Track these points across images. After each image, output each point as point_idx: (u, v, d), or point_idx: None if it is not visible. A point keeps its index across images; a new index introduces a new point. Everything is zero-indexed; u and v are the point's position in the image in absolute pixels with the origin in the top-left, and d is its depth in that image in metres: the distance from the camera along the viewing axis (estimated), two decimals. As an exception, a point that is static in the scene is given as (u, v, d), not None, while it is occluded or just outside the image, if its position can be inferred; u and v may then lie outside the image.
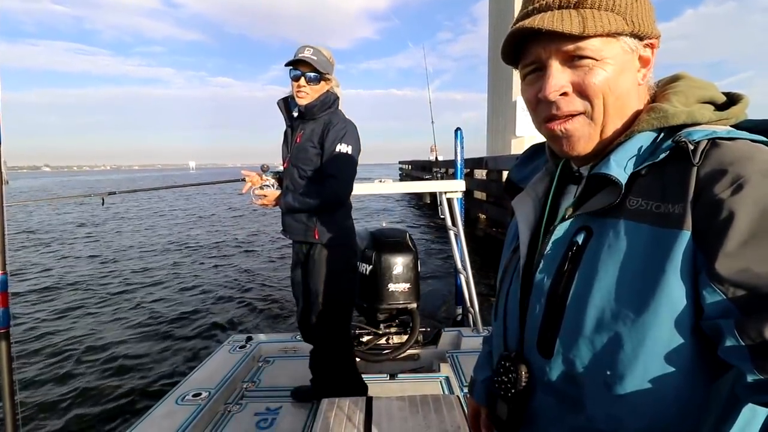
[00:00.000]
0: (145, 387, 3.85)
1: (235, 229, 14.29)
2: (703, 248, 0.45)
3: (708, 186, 0.46)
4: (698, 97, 0.55)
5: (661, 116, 0.53)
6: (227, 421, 2.06)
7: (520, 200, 0.69)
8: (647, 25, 0.54)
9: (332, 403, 1.62)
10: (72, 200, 3.58)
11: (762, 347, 0.40)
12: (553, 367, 0.57)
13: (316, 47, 1.92)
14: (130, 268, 8.82)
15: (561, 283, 0.56)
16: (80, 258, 9.86)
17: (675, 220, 0.47)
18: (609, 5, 0.52)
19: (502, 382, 0.63)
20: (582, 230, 0.56)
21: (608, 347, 0.50)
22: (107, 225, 15.31)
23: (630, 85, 0.55)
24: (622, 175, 0.51)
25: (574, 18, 0.51)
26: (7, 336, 1.55)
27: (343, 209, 2.01)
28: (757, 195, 0.43)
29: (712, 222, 0.44)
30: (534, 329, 0.59)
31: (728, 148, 0.47)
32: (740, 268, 0.42)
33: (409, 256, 2.80)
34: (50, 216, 18.00)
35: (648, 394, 0.49)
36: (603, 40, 0.52)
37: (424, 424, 1.49)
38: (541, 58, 0.55)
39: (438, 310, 5.93)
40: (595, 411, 0.53)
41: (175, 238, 12.48)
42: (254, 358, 2.72)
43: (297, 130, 2.02)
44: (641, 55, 0.55)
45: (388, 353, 2.71)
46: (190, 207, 22.11)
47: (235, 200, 24.09)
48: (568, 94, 0.54)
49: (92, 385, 3.89)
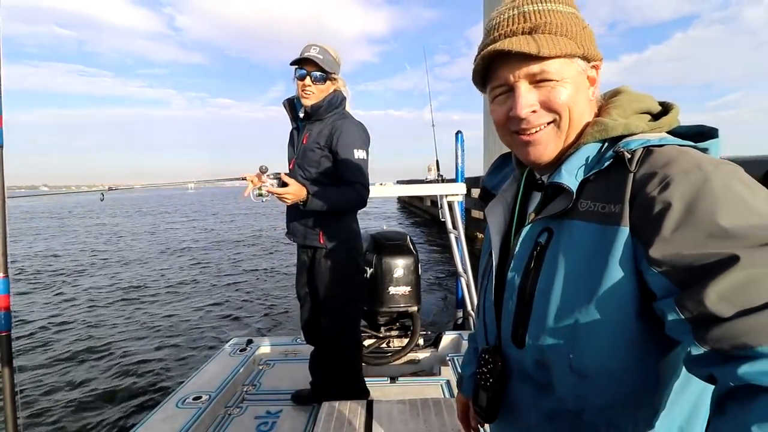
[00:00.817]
0: (145, 390, 3.85)
1: (234, 232, 14.30)
2: (640, 239, 0.51)
3: (641, 187, 0.52)
4: (635, 109, 0.62)
5: (602, 129, 0.60)
6: (227, 424, 2.05)
7: (491, 207, 0.76)
8: (593, 49, 0.62)
9: (333, 407, 1.62)
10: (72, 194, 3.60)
11: (699, 318, 0.45)
12: (526, 357, 0.63)
13: (322, 45, 1.85)
14: (130, 272, 8.83)
15: (528, 279, 0.63)
16: (81, 260, 9.87)
17: (615, 218, 0.54)
18: (563, 31, 0.60)
19: (483, 373, 0.70)
20: (544, 231, 0.62)
21: (569, 333, 0.57)
22: (107, 228, 15.34)
23: (584, 100, 0.63)
24: (573, 182, 0.58)
25: (538, 41, 0.58)
26: (9, 339, 1.55)
27: (349, 213, 1.98)
28: (680, 190, 0.49)
29: (646, 217, 0.51)
30: (508, 324, 0.66)
31: (658, 154, 0.54)
32: (673, 252, 0.48)
33: (409, 258, 2.80)
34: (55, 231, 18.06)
35: (605, 373, 0.56)
36: (562, 63, 0.59)
37: (425, 427, 1.49)
38: (509, 80, 0.61)
39: (439, 313, 5.93)
40: (564, 392, 0.60)
41: (173, 244, 12.49)
42: (255, 361, 2.72)
43: (303, 131, 1.96)
44: (588, 75, 0.63)
45: (388, 356, 2.70)
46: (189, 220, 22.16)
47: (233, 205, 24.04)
48: (536, 111, 0.61)
49: (93, 388, 3.89)
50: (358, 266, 2.02)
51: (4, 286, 1.53)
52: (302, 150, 1.93)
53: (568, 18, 0.61)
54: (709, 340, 0.44)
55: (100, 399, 3.70)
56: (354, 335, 2.03)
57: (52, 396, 3.75)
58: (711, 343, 0.44)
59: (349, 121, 1.89)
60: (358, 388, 2.05)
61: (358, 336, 2.07)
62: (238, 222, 17.03)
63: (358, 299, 2.06)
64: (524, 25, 0.60)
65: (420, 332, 2.82)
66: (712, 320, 0.44)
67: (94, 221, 18.18)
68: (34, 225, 17.32)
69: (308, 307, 2.09)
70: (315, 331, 2.10)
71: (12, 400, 1.53)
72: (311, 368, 2.20)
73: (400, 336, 2.94)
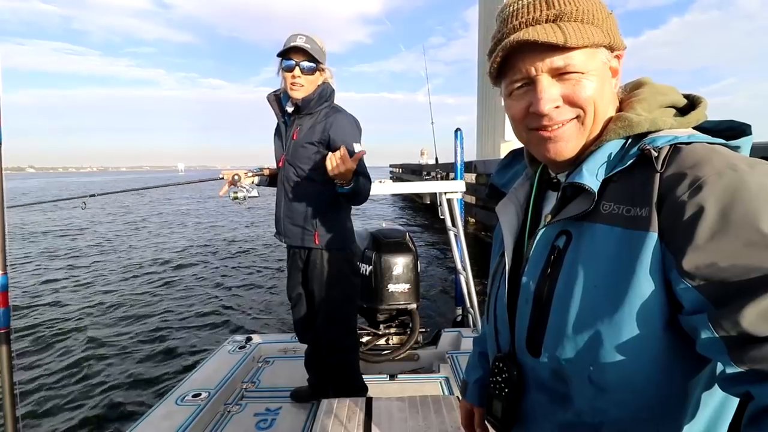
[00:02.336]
0: (144, 387, 3.85)
1: (231, 229, 14.29)
2: (670, 247, 0.48)
3: (670, 189, 0.49)
4: (660, 103, 0.58)
5: (626, 125, 0.56)
6: (227, 421, 2.05)
7: (503, 206, 0.72)
8: (617, 37, 0.58)
9: (332, 404, 1.62)
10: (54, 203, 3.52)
11: (737, 339, 0.42)
12: (542, 366, 0.59)
13: (308, 34, 1.74)
14: (128, 269, 8.82)
15: (545, 285, 0.59)
16: (81, 258, 9.86)
17: (642, 223, 0.50)
18: (589, 18, 0.55)
19: (497, 382, 0.67)
20: (562, 234, 0.59)
21: (589, 344, 0.53)
22: (100, 227, 15.32)
23: (609, 93, 0.59)
24: (594, 183, 0.55)
25: (564, 30, 0.54)
26: (8, 336, 1.55)
27: (344, 212, 1.93)
28: (714, 194, 0.45)
29: (676, 223, 0.47)
30: (523, 330, 0.63)
31: (688, 153, 0.50)
32: (706, 263, 0.45)
33: (409, 256, 2.80)
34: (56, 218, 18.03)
35: (627, 386, 0.52)
36: (586, 54, 0.55)
37: (424, 424, 1.49)
38: (530, 73, 0.57)
39: (438, 310, 5.93)
40: (582, 405, 0.57)
41: (171, 240, 12.47)
42: (254, 359, 2.72)
43: (292, 126, 1.86)
44: (611, 66, 0.59)
45: (387, 354, 2.71)
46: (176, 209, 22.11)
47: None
48: (559, 106, 0.57)
49: (92, 385, 3.89)
50: (353, 267, 1.98)
51: (4, 283, 1.52)
52: (293, 146, 1.85)
53: (594, 4, 0.56)
54: (747, 360, 0.42)
55: (99, 396, 3.70)
56: (351, 336, 2.02)
57: (51, 392, 3.75)
58: (749, 364, 0.41)
59: (342, 115, 1.82)
60: (357, 385, 2.05)
61: (355, 336, 2.06)
62: (235, 217, 17.04)
63: (355, 300, 2.03)
64: (548, 12, 0.55)
65: (419, 329, 2.82)
66: (750, 341, 0.41)
67: (86, 211, 18.16)
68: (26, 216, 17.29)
69: (301, 308, 2.06)
70: (309, 331, 2.08)
71: (11, 396, 1.53)
72: (307, 366, 2.20)
73: (399, 333, 2.94)
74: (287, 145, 1.89)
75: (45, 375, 4.09)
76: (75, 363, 4.36)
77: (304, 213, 1.85)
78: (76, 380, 3.99)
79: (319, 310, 1.95)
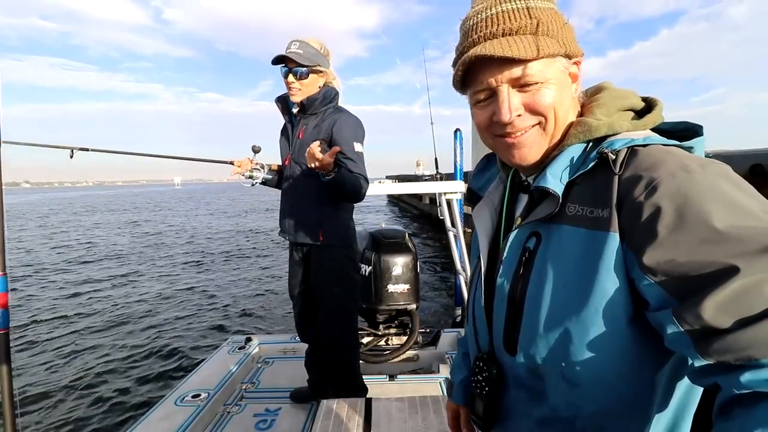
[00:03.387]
0: (144, 388, 3.85)
1: (229, 228, 14.28)
2: (631, 246, 0.50)
3: (628, 191, 0.51)
4: (618, 106, 0.61)
5: (586, 129, 0.58)
6: (226, 422, 2.05)
7: (478, 210, 0.74)
8: (574, 45, 0.60)
9: (331, 405, 1.62)
10: (47, 148, 3.51)
11: (701, 332, 0.43)
12: (519, 364, 0.61)
13: (303, 40, 1.81)
14: (127, 270, 8.81)
15: (518, 286, 0.61)
16: (80, 258, 9.85)
17: (604, 223, 0.52)
18: (544, 31, 0.57)
19: (478, 381, 0.69)
20: (533, 236, 0.61)
21: (560, 341, 0.55)
22: (98, 230, 15.32)
23: (568, 99, 0.61)
24: (558, 186, 0.57)
25: (519, 44, 0.56)
26: (7, 337, 1.55)
27: (347, 210, 1.96)
28: (668, 195, 0.47)
29: (635, 223, 0.50)
30: (499, 330, 0.64)
31: (643, 155, 0.53)
32: (666, 259, 0.46)
33: (408, 256, 2.80)
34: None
35: (597, 381, 0.55)
36: (544, 63, 0.57)
37: (423, 425, 1.49)
38: (491, 85, 0.59)
39: (438, 310, 5.93)
40: (557, 400, 0.59)
41: (172, 240, 12.46)
42: (253, 359, 2.72)
43: (298, 126, 1.93)
44: (570, 72, 0.61)
45: (387, 354, 2.71)
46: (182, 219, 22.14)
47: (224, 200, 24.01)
48: (521, 114, 0.59)
49: (92, 386, 3.89)
50: (355, 265, 2.01)
51: (3, 284, 1.52)
52: (298, 144, 1.90)
53: (549, 15, 0.58)
54: (712, 352, 0.43)
55: (99, 397, 3.70)
56: (352, 334, 2.03)
57: (50, 394, 3.75)
58: (714, 356, 0.43)
59: (346, 115, 1.87)
60: (357, 385, 2.06)
61: (356, 335, 2.06)
62: (234, 219, 17.06)
63: (356, 298, 2.05)
64: (504, 26, 0.57)
65: (419, 330, 2.82)
66: (714, 333, 0.43)
67: (88, 219, 18.18)
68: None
69: (302, 306, 2.07)
70: (310, 329, 2.09)
71: (10, 397, 1.53)
72: (308, 366, 2.20)
73: (398, 334, 2.94)
74: (293, 144, 1.94)
75: (44, 376, 4.09)
76: (74, 364, 4.36)
77: (309, 210, 1.89)
78: (75, 381, 3.98)
79: (321, 307, 1.96)
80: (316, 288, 1.95)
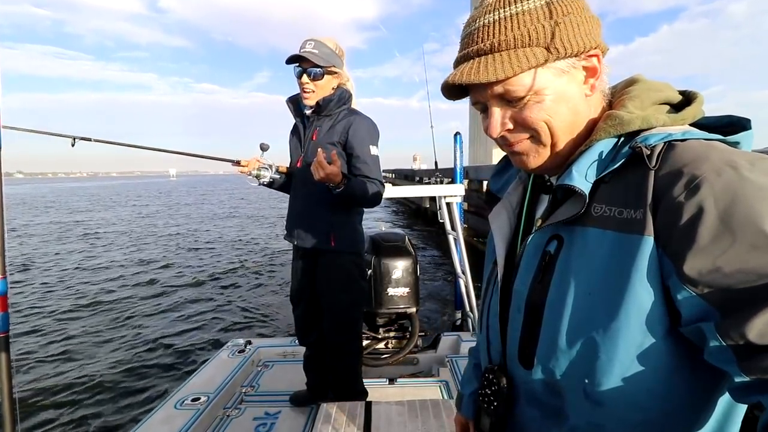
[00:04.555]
0: (143, 391, 3.84)
1: (231, 229, 14.28)
2: (668, 252, 0.45)
3: (666, 189, 0.46)
4: (653, 99, 0.55)
5: (617, 123, 0.53)
6: (226, 425, 2.05)
7: (495, 213, 0.69)
8: (578, 40, 0.53)
9: (331, 408, 1.62)
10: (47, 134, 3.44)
11: (746, 348, 0.40)
12: (535, 379, 0.56)
13: (319, 39, 1.76)
14: (127, 272, 8.81)
15: (537, 293, 0.56)
16: (78, 258, 9.85)
17: (637, 226, 0.47)
18: (525, 42, 0.52)
19: (486, 395, 0.64)
20: (554, 239, 0.56)
21: (584, 355, 0.50)
22: (100, 229, 15.31)
23: (574, 103, 0.55)
24: (584, 184, 0.52)
25: (490, 65, 0.52)
26: (7, 340, 1.55)
27: (357, 215, 1.94)
28: (713, 194, 0.42)
29: (674, 225, 0.44)
30: (514, 341, 0.59)
31: (683, 150, 0.48)
32: (710, 268, 0.42)
33: (408, 260, 2.80)
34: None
35: (626, 400, 0.49)
36: (528, 76, 0.52)
37: (423, 429, 1.49)
38: (480, 100, 0.58)
39: (437, 314, 5.93)
40: (578, 420, 0.53)
41: (172, 240, 12.47)
42: (253, 363, 2.72)
43: (311, 127, 1.88)
44: (585, 66, 0.55)
45: (387, 358, 2.70)
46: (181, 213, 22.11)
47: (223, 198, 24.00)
48: (512, 128, 0.56)
49: (91, 389, 3.88)
50: (363, 271, 1.98)
51: (2, 287, 1.53)
52: (312, 146, 1.85)
53: (533, 20, 0.52)
54: (756, 370, 0.40)
55: (98, 400, 3.69)
56: (356, 340, 2.01)
57: (50, 397, 3.74)
58: (759, 374, 0.40)
59: (361, 118, 1.85)
60: (357, 390, 2.05)
61: (360, 341, 2.06)
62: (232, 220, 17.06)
63: (362, 305, 2.04)
64: (480, 45, 0.54)
65: (419, 333, 2.82)
66: (760, 350, 0.39)
67: (82, 215, 18.18)
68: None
69: (303, 310, 2.06)
70: (311, 333, 2.08)
71: (10, 400, 1.53)
72: (306, 368, 2.20)
73: (398, 337, 2.93)
74: (306, 146, 1.89)
75: (44, 379, 4.08)
76: (74, 366, 4.35)
77: (320, 214, 1.85)
78: (75, 384, 3.97)
79: (327, 312, 1.94)
80: (323, 293, 1.93)
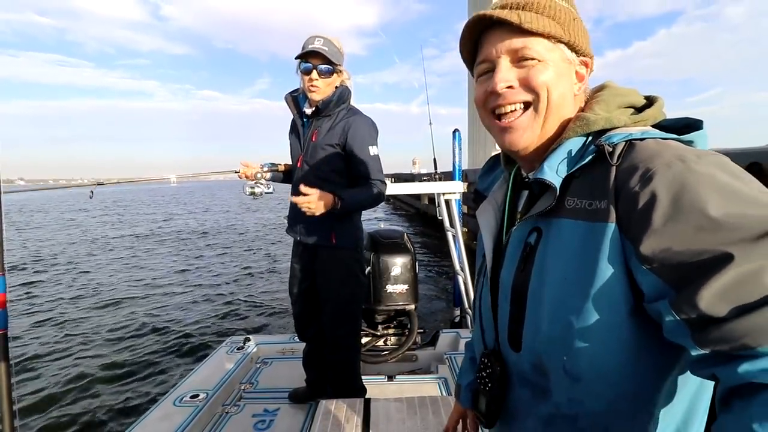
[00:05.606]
0: (142, 388, 3.84)
1: (229, 227, 14.27)
2: (629, 236, 0.50)
3: (625, 181, 0.51)
4: (618, 103, 0.61)
5: (583, 123, 0.59)
6: (225, 422, 2.05)
7: (481, 210, 0.75)
8: (582, 42, 0.62)
9: (330, 405, 1.62)
10: (62, 188, 3.52)
11: (698, 321, 0.43)
12: (524, 360, 0.62)
13: (326, 37, 1.77)
14: (126, 270, 8.80)
15: (520, 281, 0.62)
16: (78, 257, 9.83)
17: (602, 215, 0.53)
18: (551, 14, 0.60)
19: (482, 378, 0.70)
20: (533, 231, 0.61)
21: (562, 335, 0.55)
22: (97, 231, 15.29)
23: (567, 90, 0.62)
24: (555, 178, 0.58)
25: (526, 17, 0.59)
26: (5, 337, 1.54)
27: (358, 213, 1.95)
28: (664, 183, 0.48)
29: (631, 212, 0.50)
30: (504, 326, 0.65)
31: (640, 147, 0.53)
32: (662, 247, 0.46)
33: (407, 257, 2.80)
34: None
35: (598, 375, 0.54)
36: (545, 46, 0.60)
37: (422, 425, 1.50)
38: (492, 56, 0.62)
39: (436, 311, 5.94)
40: (560, 397, 0.58)
41: (172, 239, 12.45)
42: (252, 360, 2.72)
43: (310, 127, 1.88)
44: (577, 71, 0.63)
45: (386, 355, 2.71)
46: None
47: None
48: (513, 87, 0.61)
49: (90, 386, 3.88)
50: (362, 267, 2.00)
51: (1, 284, 1.52)
52: (312, 147, 1.86)
53: (559, 6, 0.61)
54: (708, 342, 0.43)
55: (97, 397, 3.70)
56: (355, 335, 2.02)
57: (48, 394, 3.74)
58: (711, 345, 0.43)
59: (360, 117, 1.85)
60: (356, 386, 2.06)
61: (359, 337, 2.06)
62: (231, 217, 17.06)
63: (361, 300, 2.05)
64: (514, 1, 0.61)
65: (417, 330, 2.82)
66: (710, 322, 0.42)
67: (86, 217, 18.16)
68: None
69: (302, 305, 2.06)
70: (309, 328, 2.09)
71: (9, 397, 1.53)
72: (305, 365, 2.20)
73: (397, 334, 2.94)
74: (305, 146, 1.90)
75: (42, 376, 4.08)
76: (72, 364, 4.35)
77: (322, 214, 1.85)
78: (73, 381, 3.98)
79: (327, 307, 1.95)
80: (322, 287, 1.94)
